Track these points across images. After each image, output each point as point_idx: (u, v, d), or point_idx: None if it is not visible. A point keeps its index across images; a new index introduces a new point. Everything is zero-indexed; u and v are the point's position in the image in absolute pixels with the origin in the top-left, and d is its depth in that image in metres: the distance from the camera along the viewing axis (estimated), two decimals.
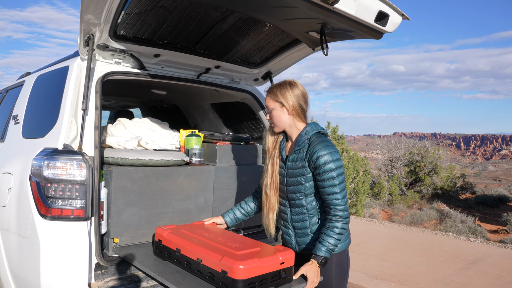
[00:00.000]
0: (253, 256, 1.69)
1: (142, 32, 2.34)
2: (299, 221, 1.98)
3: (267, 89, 2.04)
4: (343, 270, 1.97)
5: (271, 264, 1.70)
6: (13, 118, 2.82)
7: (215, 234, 2.02)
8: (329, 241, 1.80)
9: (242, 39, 2.62)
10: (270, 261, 1.71)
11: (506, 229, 9.46)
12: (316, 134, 1.95)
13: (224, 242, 1.89)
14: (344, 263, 1.98)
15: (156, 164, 2.37)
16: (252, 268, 1.64)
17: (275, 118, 1.99)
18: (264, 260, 1.69)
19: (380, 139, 19.30)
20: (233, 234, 2.07)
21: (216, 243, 1.86)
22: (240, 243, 1.87)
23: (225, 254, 1.70)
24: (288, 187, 1.98)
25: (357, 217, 8.93)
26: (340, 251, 1.94)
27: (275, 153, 2.06)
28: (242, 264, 1.62)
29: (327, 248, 1.80)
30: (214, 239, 1.92)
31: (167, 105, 4.59)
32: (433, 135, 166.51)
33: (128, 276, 2.18)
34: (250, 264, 1.64)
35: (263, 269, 1.67)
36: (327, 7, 1.84)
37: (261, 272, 1.67)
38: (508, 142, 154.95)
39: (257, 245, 1.87)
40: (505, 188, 16.60)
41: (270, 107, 1.99)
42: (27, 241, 2.04)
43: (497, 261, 5.23)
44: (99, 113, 2.19)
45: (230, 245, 1.83)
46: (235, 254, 1.71)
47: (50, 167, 1.98)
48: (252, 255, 1.72)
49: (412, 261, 5.14)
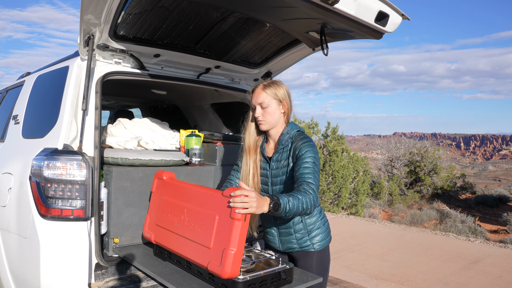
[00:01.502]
0: (227, 251, 1.58)
1: (142, 32, 2.34)
2: (282, 221, 1.98)
3: (262, 85, 1.98)
4: (324, 267, 2.00)
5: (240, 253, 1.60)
6: (13, 118, 2.82)
7: (183, 216, 1.89)
8: (292, 200, 1.63)
9: (242, 39, 2.62)
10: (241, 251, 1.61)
11: (506, 229, 9.47)
12: (296, 133, 1.96)
13: (194, 230, 1.78)
14: (325, 260, 2.00)
15: (156, 164, 2.37)
16: (237, 266, 1.59)
17: (269, 115, 1.94)
18: (240, 249, 1.59)
19: (380, 139, 19.30)
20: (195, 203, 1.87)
21: (189, 237, 1.79)
22: (206, 228, 1.73)
23: (206, 258, 1.66)
24: (273, 187, 1.98)
25: (357, 217, 8.93)
26: (321, 248, 1.97)
27: (256, 154, 2.04)
28: (226, 271, 1.57)
29: (286, 201, 1.62)
30: (184, 228, 1.85)
31: (167, 105, 4.59)
32: (433, 135, 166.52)
33: (128, 276, 2.18)
34: (232, 264, 1.57)
35: (240, 258, 1.60)
36: (327, 7, 1.84)
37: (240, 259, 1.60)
38: (508, 142, 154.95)
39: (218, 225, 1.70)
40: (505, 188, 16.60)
41: (265, 103, 1.93)
42: (27, 241, 2.04)
43: (497, 261, 5.23)
44: (99, 113, 2.19)
45: (202, 238, 1.73)
46: (214, 256, 1.63)
47: (50, 167, 1.98)
48: (226, 248, 1.59)
49: (412, 261, 5.14)
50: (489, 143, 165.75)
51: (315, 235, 1.97)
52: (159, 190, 2.12)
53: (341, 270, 4.66)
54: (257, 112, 1.96)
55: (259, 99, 1.96)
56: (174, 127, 3.01)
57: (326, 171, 10.34)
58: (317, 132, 11.40)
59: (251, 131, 2.05)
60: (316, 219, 1.98)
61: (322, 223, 2.00)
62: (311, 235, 1.97)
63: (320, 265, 1.99)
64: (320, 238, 1.98)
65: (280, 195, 1.63)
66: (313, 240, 1.97)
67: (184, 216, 1.87)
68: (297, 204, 1.64)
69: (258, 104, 1.96)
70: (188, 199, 1.90)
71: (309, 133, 11.05)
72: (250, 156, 2.04)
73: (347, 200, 10.59)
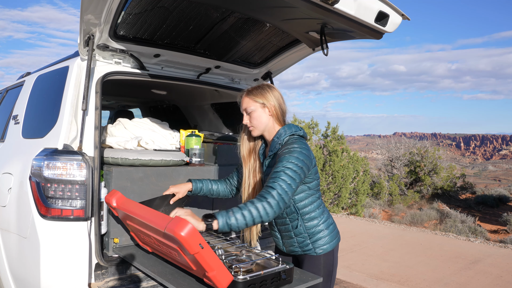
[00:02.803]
0: (208, 274, 1.56)
1: (142, 32, 2.34)
2: (282, 225, 1.98)
3: (244, 92, 1.98)
4: (329, 271, 1.96)
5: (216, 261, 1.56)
6: (13, 118, 2.82)
7: (156, 243, 1.85)
8: (234, 215, 1.59)
9: (242, 39, 2.62)
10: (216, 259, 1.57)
11: (506, 229, 9.46)
12: (288, 138, 1.89)
13: (172, 254, 1.75)
14: (329, 264, 1.95)
15: (156, 164, 2.37)
16: (227, 277, 1.57)
17: (255, 120, 1.93)
18: (218, 266, 1.56)
19: (380, 139, 19.29)
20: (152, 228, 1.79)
21: (174, 258, 1.77)
22: (180, 256, 1.68)
23: (199, 272, 1.65)
24: None
25: (357, 217, 8.93)
26: (324, 253, 1.92)
27: (253, 162, 2.03)
28: (223, 285, 1.56)
29: (225, 219, 1.59)
30: (163, 252, 1.83)
31: (167, 105, 4.59)
32: (433, 135, 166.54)
33: (128, 276, 2.18)
34: (222, 280, 1.56)
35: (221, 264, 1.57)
36: (327, 7, 1.84)
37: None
38: (508, 142, 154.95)
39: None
40: (505, 188, 16.60)
41: (250, 108, 1.93)
42: (27, 241, 2.04)
43: (497, 261, 5.23)
44: (99, 113, 2.19)
45: (182, 262, 1.71)
46: (203, 274, 1.62)
47: (50, 167, 1.98)
48: (207, 272, 1.57)
49: (412, 261, 5.14)
50: (489, 143, 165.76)
51: (317, 239, 1.91)
52: (120, 214, 2.03)
53: (341, 270, 4.66)
54: (244, 119, 1.98)
55: (243, 105, 1.97)
56: (174, 127, 3.01)
57: (326, 171, 10.34)
58: (317, 132, 11.40)
59: (244, 139, 2.07)
60: (317, 223, 1.92)
61: (325, 226, 1.93)
62: (313, 239, 1.92)
63: (324, 269, 1.93)
64: (322, 242, 1.91)
65: (219, 213, 1.61)
66: (315, 244, 1.92)
67: (157, 243, 1.83)
68: (245, 215, 1.61)
69: (244, 110, 1.98)
70: (147, 229, 1.81)
71: (309, 133, 11.04)
72: (246, 164, 2.05)
73: (347, 200, 10.59)
